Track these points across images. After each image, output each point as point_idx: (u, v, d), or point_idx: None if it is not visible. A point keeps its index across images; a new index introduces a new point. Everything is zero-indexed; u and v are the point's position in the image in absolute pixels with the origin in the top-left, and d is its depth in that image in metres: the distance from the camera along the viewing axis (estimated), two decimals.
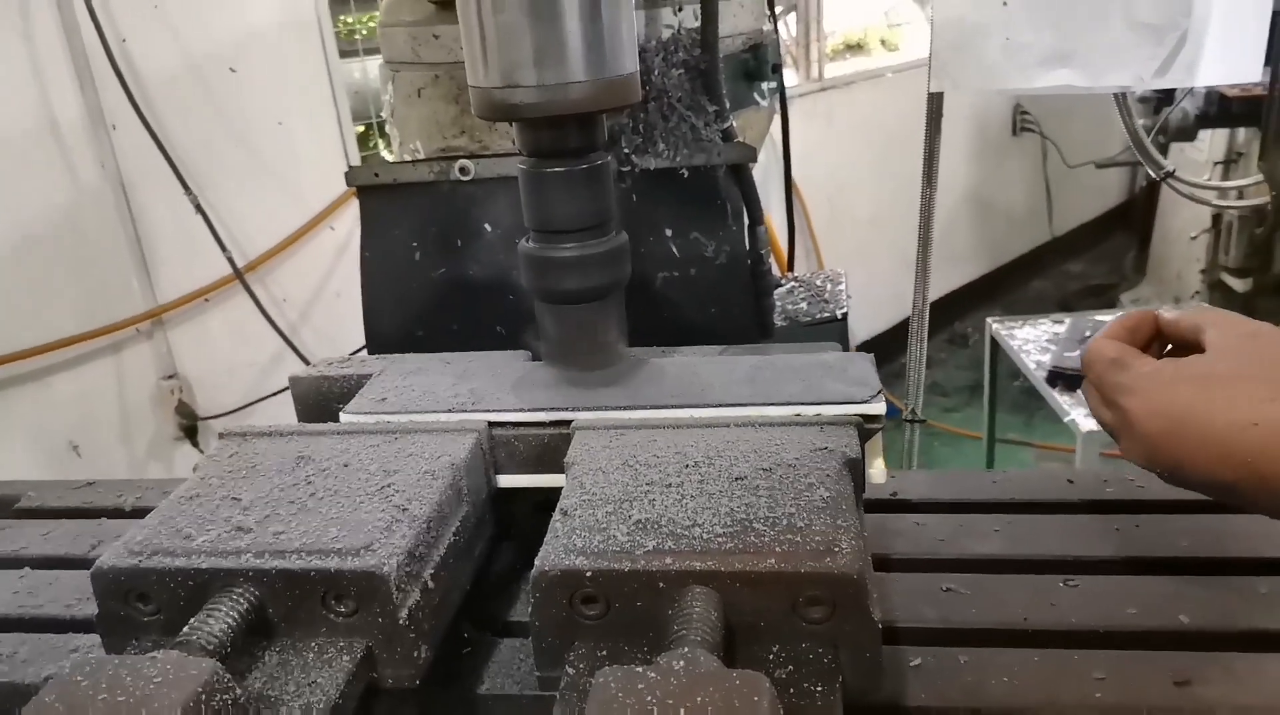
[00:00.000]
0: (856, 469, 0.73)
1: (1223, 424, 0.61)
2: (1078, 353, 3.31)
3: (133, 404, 3.05)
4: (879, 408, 0.78)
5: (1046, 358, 3.27)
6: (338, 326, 3.31)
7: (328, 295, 3.40)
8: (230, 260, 2.99)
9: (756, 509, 0.67)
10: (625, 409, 0.82)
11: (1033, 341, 3.44)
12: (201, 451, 3.18)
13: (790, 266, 1.84)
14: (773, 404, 0.80)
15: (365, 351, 1.16)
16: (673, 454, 0.75)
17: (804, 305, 1.59)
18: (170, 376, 3.13)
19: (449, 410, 0.84)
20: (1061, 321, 3.51)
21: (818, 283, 1.69)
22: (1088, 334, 3.35)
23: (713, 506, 0.68)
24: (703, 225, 1.10)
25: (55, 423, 2.84)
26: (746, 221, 1.15)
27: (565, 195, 0.85)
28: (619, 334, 0.91)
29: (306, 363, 3.12)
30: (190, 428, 3.18)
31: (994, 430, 4.29)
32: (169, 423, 3.14)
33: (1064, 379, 3.47)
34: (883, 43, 5.17)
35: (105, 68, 2.70)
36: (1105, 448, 3.73)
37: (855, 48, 5.10)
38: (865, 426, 0.77)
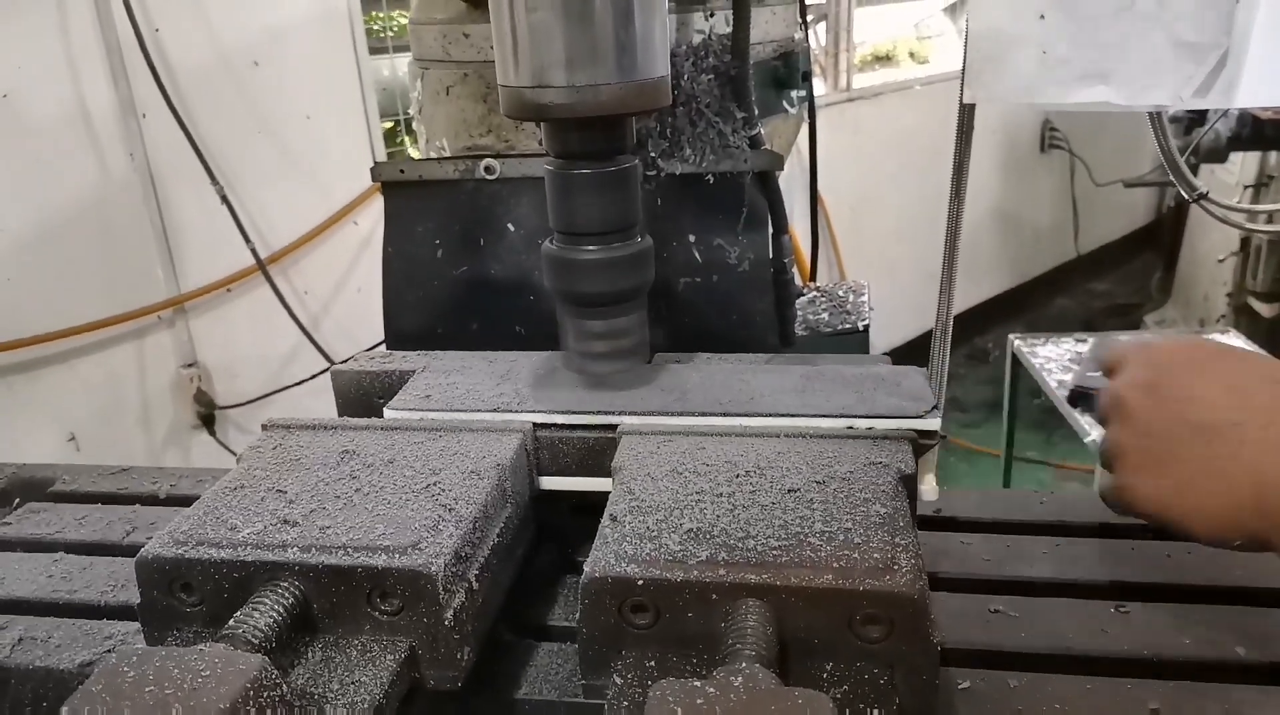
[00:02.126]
0: (910, 485, 0.72)
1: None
2: (1099, 373, 3.30)
3: (152, 391, 3.06)
4: (934, 423, 0.76)
5: (1068, 377, 3.25)
6: (358, 321, 3.31)
7: (349, 289, 3.41)
8: (253, 251, 3.00)
9: (811, 522, 0.66)
10: (673, 415, 0.81)
11: (1055, 360, 3.41)
12: (219, 441, 3.19)
13: (813, 276, 1.83)
14: (824, 416, 0.78)
15: (384, 347, 1.15)
16: (722, 462, 0.74)
17: (825, 316, 1.58)
18: (190, 365, 3.13)
19: (494, 410, 0.82)
20: (1085, 340, 3.48)
21: (840, 293, 1.67)
22: None
23: (765, 518, 0.66)
24: (727, 232, 1.09)
25: (76, 406, 2.85)
26: (771, 229, 1.14)
27: (591, 198, 0.84)
28: (644, 338, 0.91)
29: (326, 356, 3.13)
30: (208, 416, 3.18)
31: (1012, 448, 4.26)
32: (187, 411, 3.15)
33: (1085, 399, 3.44)
34: (911, 55, 5.15)
35: (138, 58, 2.71)
36: None
37: (884, 59, 5.08)
38: (919, 442, 0.76)
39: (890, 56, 5.09)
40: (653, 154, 1.08)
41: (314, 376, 3.17)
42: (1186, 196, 2.56)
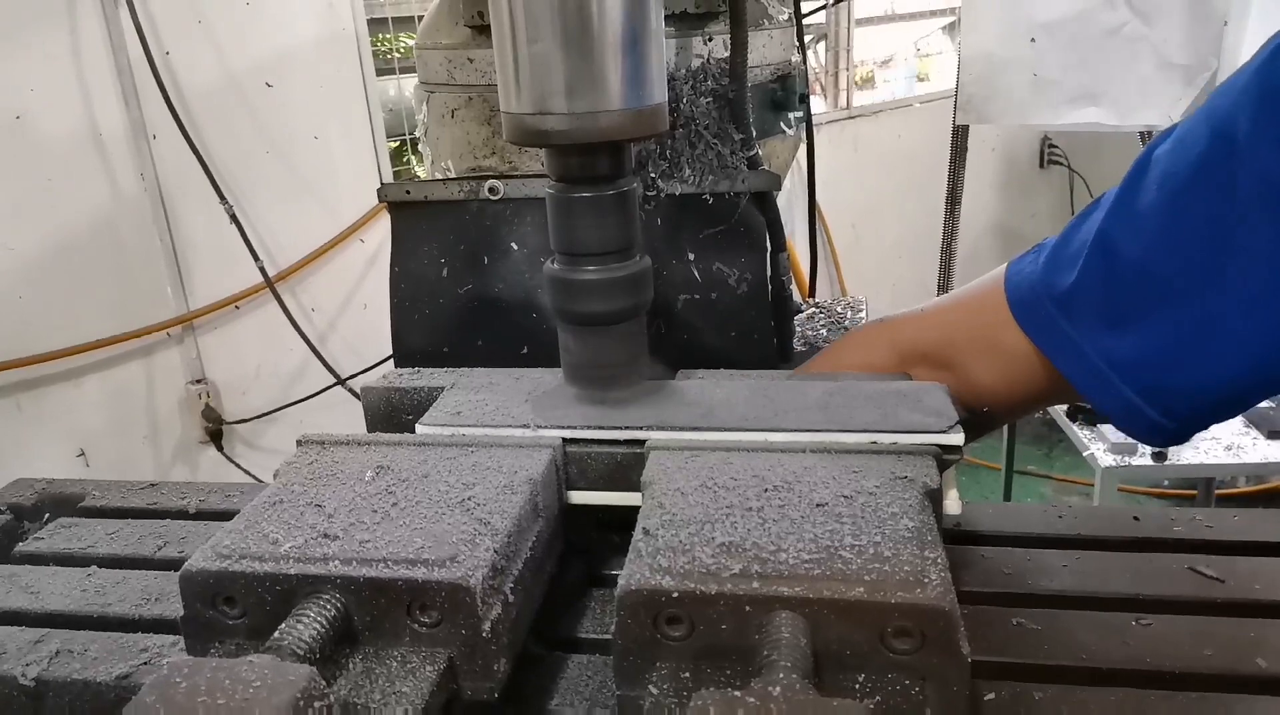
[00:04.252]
0: (936, 500, 0.73)
1: None
2: None
3: (161, 407, 3.08)
4: (957, 438, 0.78)
5: None
6: (364, 338, 3.34)
7: (355, 306, 3.43)
8: (262, 269, 3.02)
9: (841, 536, 0.67)
10: (700, 430, 0.82)
11: None
12: (226, 456, 3.20)
13: (811, 292, 1.84)
14: (849, 431, 0.80)
15: (392, 363, 1.16)
16: (750, 477, 0.75)
17: (824, 332, 1.60)
18: (198, 381, 3.16)
19: (524, 426, 0.84)
20: None
21: (838, 309, 1.69)
22: None
23: (796, 532, 0.68)
24: (725, 251, 1.11)
25: (85, 422, 2.86)
26: (769, 248, 1.16)
27: (591, 220, 0.86)
28: (643, 355, 0.93)
29: (333, 372, 3.15)
30: (216, 432, 3.20)
31: (1012, 461, 4.28)
32: (195, 426, 3.17)
33: (1084, 413, 3.47)
34: None
35: (148, 80, 2.75)
36: (1123, 483, 3.72)
37: None
38: (943, 457, 0.77)
39: None
40: (653, 175, 1.10)
41: (321, 392, 3.20)
42: None
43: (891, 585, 0.62)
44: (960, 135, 3.83)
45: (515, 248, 1.13)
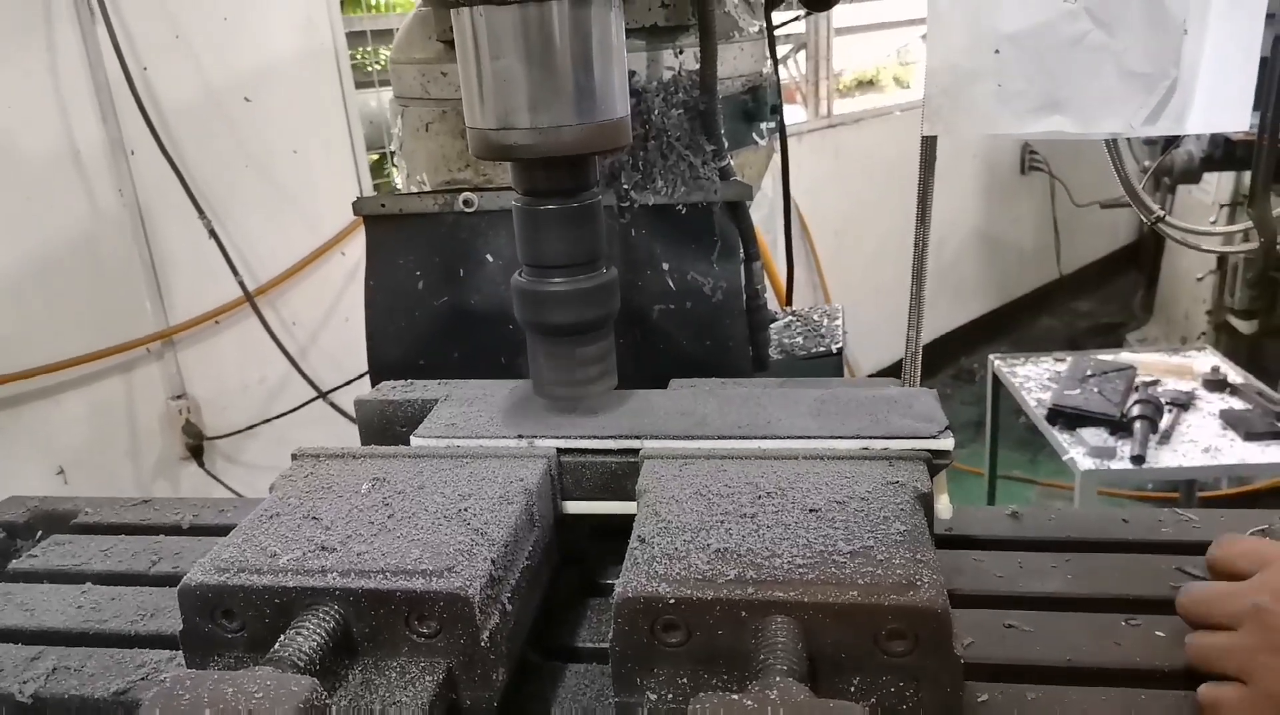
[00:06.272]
0: (927, 504, 0.74)
1: None
2: (1078, 391, 3.35)
3: (141, 423, 3.06)
4: (947, 443, 0.79)
5: (1047, 395, 3.31)
6: (346, 350, 3.32)
7: (336, 320, 3.42)
8: (241, 284, 3.01)
9: (834, 541, 0.68)
10: (694, 438, 0.83)
11: (1034, 379, 3.48)
12: (207, 471, 3.18)
13: (789, 301, 1.85)
14: (841, 437, 0.81)
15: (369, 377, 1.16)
16: (744, 484, 0.76)
17: (800, 339, 1.60)
18: (179, 396, 3.13)
19: (518, 436, 0.85)
20: (1063, 360, 3.54)
21: (815, 317, 1.70)
22: (1089, 373, 3.38)
23: (790, 537, 0.69)
24: (699, 261, 1.12)
25: (65, 439, 2.84)
26: (742, 257, 1.17)
27: (557, 232, 0.88)
28: (611, 365, 0.95)
29: (314, 385, 3.14)
30: (196, 447, 3.18)
31: (995, 466, 4.31)
32: (176, 442, 3.14)
33: (1064, 417, 3.50)
34: (895, 80, 5.24)
35: (126, 96, 2.74)
36: (1104, 487, 3.74)
37: (868, 84, 5.17)
38: (933, 462, 0.78)
39: (874, 82, 5.17)
40: (626, 186, 1.11)
41: (302, 406, 3.18)
42: (1145, 219, 2.63)
43: (885, 588, 0.63)
44: (928, 144, 3.87)
45: (491, 259, 1.14)
